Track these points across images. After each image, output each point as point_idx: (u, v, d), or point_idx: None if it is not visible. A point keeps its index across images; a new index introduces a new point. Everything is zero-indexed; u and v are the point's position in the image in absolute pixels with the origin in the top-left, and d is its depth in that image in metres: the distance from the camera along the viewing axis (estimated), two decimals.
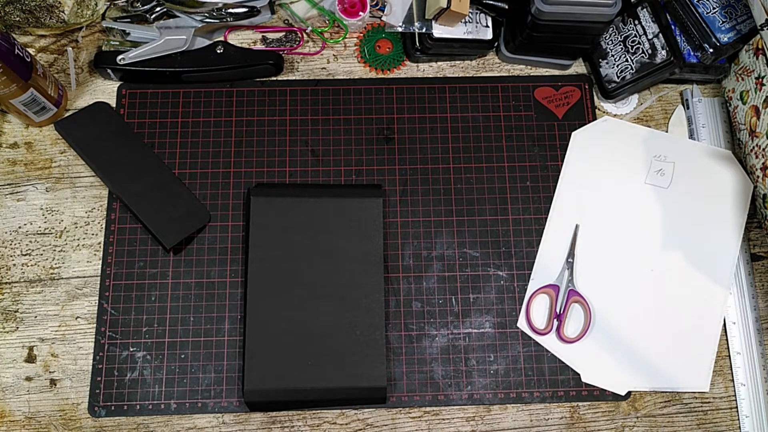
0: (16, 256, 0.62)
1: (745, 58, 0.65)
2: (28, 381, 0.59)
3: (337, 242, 0.61)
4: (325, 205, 0.61)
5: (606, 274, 0.64)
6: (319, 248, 0.60)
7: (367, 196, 0.62)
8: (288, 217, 0.60)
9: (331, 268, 0.60)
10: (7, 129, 0.66)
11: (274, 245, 0.60)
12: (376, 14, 0.71)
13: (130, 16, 0.68)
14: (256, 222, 0.60)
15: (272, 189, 0.62)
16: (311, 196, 0.61)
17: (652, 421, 0.61)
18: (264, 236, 0.60)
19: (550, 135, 0.68)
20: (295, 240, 0.60)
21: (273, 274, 0.60)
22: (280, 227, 0.60)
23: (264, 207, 0.61)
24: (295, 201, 0.61)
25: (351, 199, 0.62)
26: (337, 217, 0.61)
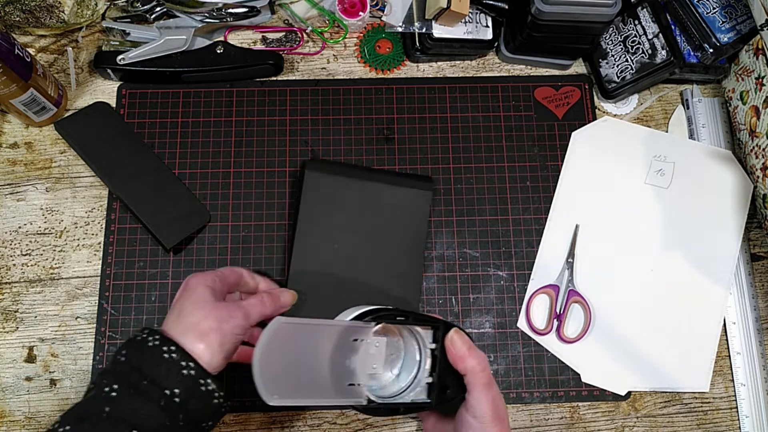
0: (16, 256, 0.62)
1: (745, 58, 0.65)
2: (28, 381, 0.59)
3: (382, 228, 0.61)
4: (375, 189, 0.61)
5: (606, 274, 0.64)
6: (363, 231, 0.60)
7: (418, 188, 0.62)
8: (338, 195, 0.61)
9: (372, 253, 0.60)
10: (7, 129, 0.66)
11: (321, 221, 0.60)
12: (376, 14, 0.71)
13: (130, 16, 0.68)
14: (308, 196, 0.60)
15: (326, 165, 0.62)
16: (363, 178, 0.61)
17: (652, 421, 0.61)
18: (313, 211, 0.60)
19: (550, 135, 0.68)
20: (342, 219, 0.60)
21: (316, 249, 0.60)
22: (329, 204, 0.60)
23: (316, 182, 0.61)
24: (347, 180, 0.61)
25: (401, 187, 0.61)
26: (386, 203, 0.61)
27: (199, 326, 0.44)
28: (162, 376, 0.41)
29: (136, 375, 0.41)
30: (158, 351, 0.42)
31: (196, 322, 0.44)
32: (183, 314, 0.45)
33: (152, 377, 0.41)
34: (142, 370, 0.41)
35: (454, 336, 0.46)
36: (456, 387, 0.46)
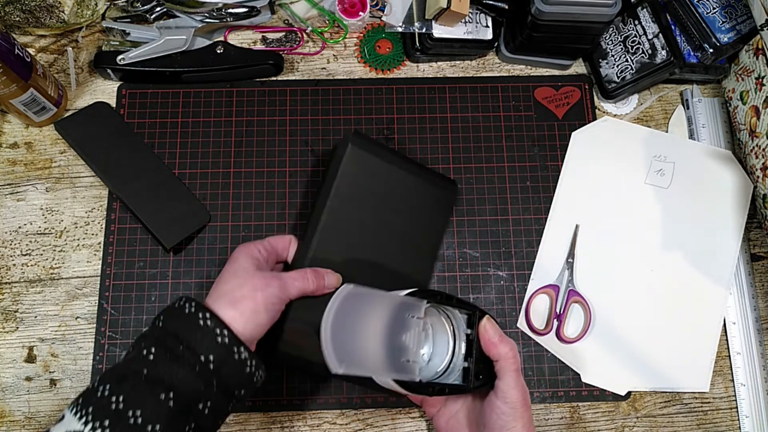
0: (16, 256, 0.62)
1: (745, 58, 0.65)
2: (28, 381, 0.59)
3: (406, 220, 0.59)
4: (409, 180, 0.59)
5: (606, 274, 0.64)
6: (388, 218, 0.58)
7: (447, 189, 0.62)
8: (374, 177, 0.58)
9: (391, 242, 0.59)
10: (7, 129, 0.66)
11: (351, 200, 0.57)
12: (376, 14, 0.71)
13: (130, 16, 0.68)
14: (346, 170, 0.57)
15: (369, 143, 0.59)
16: (401, 167, 0.59)
17: (652, 421, 0.61)
18: (346, 187, 0.57)
19: (550, 135, 0.68)
20: (371, 203, 0.58)
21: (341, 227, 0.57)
22: (363, 184, 0.58)
23: (357, 158, 0.58)
24: (386, 165, 0.58)
25: (432, 185, 0.61)
26: (416, 196, 0.60)
27: (234, 293, 0.45)
28: (197, 342, 0.42)
29: (173, 340, 0.42)
30: (194, 318, 0.43)
31: (231, 289, 0.45)
32: (221, 282, 0.47)
33: (188, 343, 0.42)
34: (178, 335, 0.43)
35: (486, 323, 0.48)
36: (487, 373, 0.49)
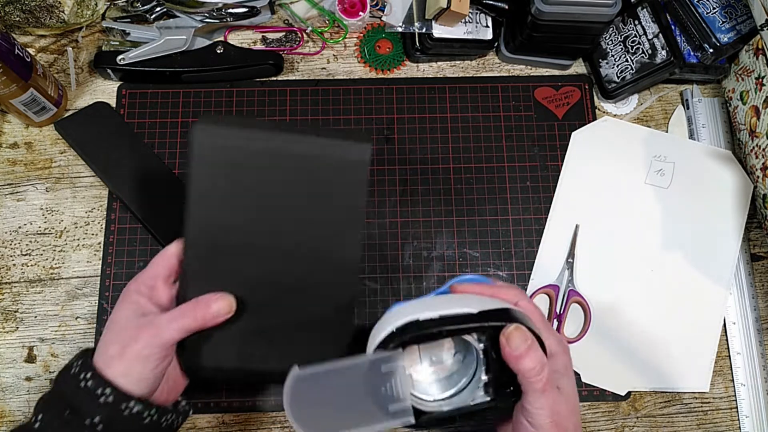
0: (16, 256, 0.62)
1: (745, 58, 0.65)
2: (28, 381, 0.59)
3: (304, 203, 0.44)
4: (294, 148, 0.43)
5: (606, 274, 0.64)
6: (281, 206, 0.44)
7: (351, 149, 0.44)
8: (244, 162, 0.43)
9: (292, 233, 0.45)
10: (7, 129, 0.66)
11: (222, 201, 0.43)
12: (376, 14, 0.71)
13: (130, 16, 0.68)
14: (199, 162, 0.42)
15: (226, 124, 0.43)
16: (279, 140, 0.43)
17: (652, 421, 0.61)
18: (209, 182, 0.43)
19: (550, 135, 0.68)
20: (250, 195, 0.44)
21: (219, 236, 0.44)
22: (231, 175, 0.43)
23: (211, 141, 0.42)
24: (256, 142, 0.42)
25: (329, 151, 0.43)
26: (309, 169, 0.43)
27: (108, 351, 0.42)
28: (82, 404, 0.40)
29: (60, 403, 0.40)
30: (77, 379, 0.40)
31: (106, 346, 0.42)
32: (104, 333, 0.43)
33: (73, 406, 0.40)
34: (65, 398, 0.40)
35: (513, 333, 0.39)
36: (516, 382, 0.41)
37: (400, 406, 0.40)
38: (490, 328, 0.40)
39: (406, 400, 0.40)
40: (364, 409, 0.40)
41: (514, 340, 0.39)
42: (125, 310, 0.43)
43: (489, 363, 0.41)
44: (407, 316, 0.40)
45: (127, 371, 0.40)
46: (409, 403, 0.40)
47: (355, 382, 0.40)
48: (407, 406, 0.40)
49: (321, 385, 0.40)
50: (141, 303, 0.43)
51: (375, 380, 0.40)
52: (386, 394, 0.40)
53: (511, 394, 0.41)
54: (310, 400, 0.39)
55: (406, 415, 0.40)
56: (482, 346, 0.41)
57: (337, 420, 0.40)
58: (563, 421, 0.39)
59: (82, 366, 0.41)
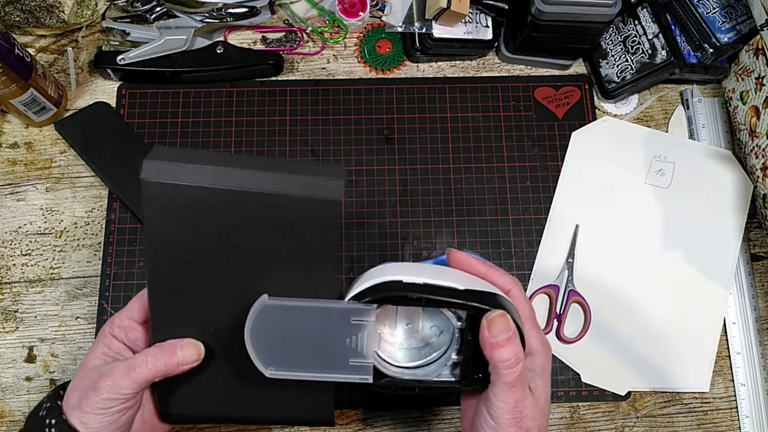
0: (16, 256, 0.62)
1: (745, 58, 0.65)
2: (28, 381, 0.59)
3: (271, 240, 0.39)
4: (257, 186, 0.38)
5: (606, 274, 0.64)
6: (247, 244, 0.40)
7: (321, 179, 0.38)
8: (202, 201, 0.38)
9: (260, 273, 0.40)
10: (7, 129, 0.66)
11: (180, 243, 0.39)
12: (376, 14, 0.71)
13: (130, 16, 0.68)
14: (153, 210, 0.38)
15: (178, 159, 0.38)
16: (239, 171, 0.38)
17: (652, 421, 0.61)
18: (165, 228, 0.39)
19: (550, 135, 0.68)
20: (212, 236, 0.39)
21: (181, 280, 0.40)
22: (189, 215, 0.38)
23: (162, 185, 0.38)
24: (213, 179, 0.38)
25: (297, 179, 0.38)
26: (274, 207, 0.39)
27: (71, 399, 0.39)
28: None
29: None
30: (43, 423, 0.38)
31: (71, 391, 0.40)
32: (74, 374, 0.41)
33: None
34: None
35: (496, 319, 0.37)
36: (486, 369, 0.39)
37: (362, 361, 0.39)
38: (471, 308, 0.38)
39: (369, 357, 0.39)
40: (325, 356, 0.39)
41: (495, 327, 0.37)
42: (95, 352, 0.41)
43: (463, 344, 0.40)
44: (391, 275, 0.39)
45: (86, 422, 0.38)
46: (372, 361, 0.39)
47: (321, 326, 0.39)
48: (368, 363, 0.39)
49: (287, 321, 0.38)
50: (113, 346, 0.41)
51: (342, 330, 0.38)
52: (350, 347, 0.39)
53: (478, 381, 0.39)
54: (272, 334, 0.38)
55: (366, 372, 0.39)
56: (460, 325, 0.40)
57: (295, 361, 0.39)
58: (526, 421, 0.38)
59: (49, 410, 0.39)
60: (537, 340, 0.42)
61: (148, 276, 0.40)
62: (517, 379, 0.37)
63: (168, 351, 0.39)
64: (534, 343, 0.41)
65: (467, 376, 0.40)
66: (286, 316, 0.38)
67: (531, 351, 0.41)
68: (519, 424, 0.38)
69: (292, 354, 0.39)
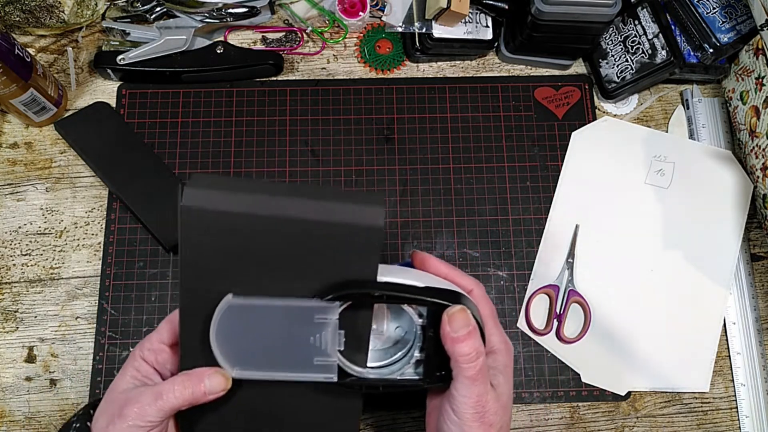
0: (16, 256, 0.62)
1: (745, 58, 0.65)
2: (28, 381, 0.59)
3: (304, 277, 0.39)
4: (297, 214, 0.37)
5: (606, 274, 0.64)
6: (283, 274, 0.39)
7: (362, 206, 0.37)
8: (238, 232, 0.37)
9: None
10: (7, 129, 0.66)
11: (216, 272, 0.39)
12: (376, 14, 0.71)
13: (130, 16, 0.68)
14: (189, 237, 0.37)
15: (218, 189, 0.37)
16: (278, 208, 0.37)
17: (652, 421, 0.61)
18: (201, 258, 0.38)
19: (550, 135, 0.68)
20: (249, 267, 0.38)
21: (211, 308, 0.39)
22: (226, 245, 0.38)
23: (202, 215, 0.37)
24: (252, 209, 0.37)
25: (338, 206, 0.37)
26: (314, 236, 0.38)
27: (98, 422, 0.39)
28: None
29: None
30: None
31: (99, 414, 0.40)
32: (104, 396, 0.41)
33: None
34: None
35: (456, 314, 0.38)
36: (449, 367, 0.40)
37: (326, 360, 0.39)
38: (432, 304, 0.39)
39: (333, 355, 0.39)
40: (290, 355, 0.39)
41: (456, 322, 0.38)
42: (125, 375, 0.41)
43: (425, 342, 0.40)
44: None
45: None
46: (335, 359, 0.39)
47: (286, 325, 0.38)
48: (332, 361, 0.39)
49: (253, 321, 0.38)
50: (142, 369, 0.41)
51: (306, 328, 0.38)
52: (314, 346, 0.38)
53: (441, 378, 0.40)
54: (239, 333, 0.38)
55: (330, 371, 0.39)
56: (422, 322, 0.40)
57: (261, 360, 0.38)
58: (489, 416, 0.38)
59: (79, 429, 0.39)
60: (499, 338, 0.43)
61: (180, 301, 0.39)
62: (478, 373, 0.38)
63: (196, 380, 0.38)
64: (496, 342, 0.42)
65: (430, 373, 0.40)
66: (251, 315, 0.38)
67: (493, 349, 0.42)
68: (482, 419, 0.38)
69: (258, 354, 0.39)
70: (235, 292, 0.39)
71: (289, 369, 0.39)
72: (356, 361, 0.41)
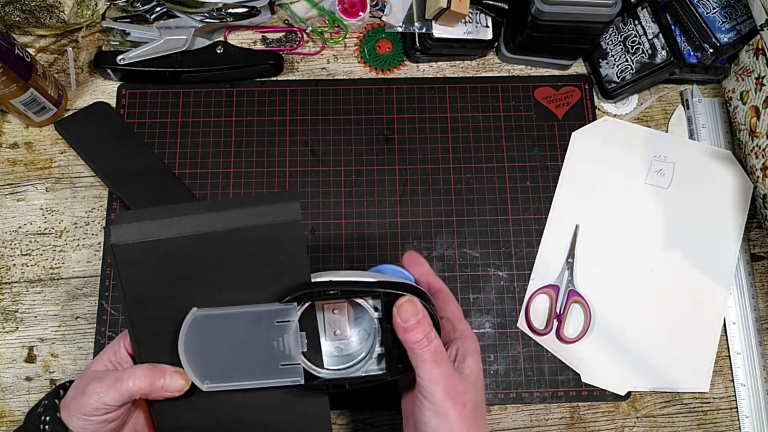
0: (16, 256, 0.62)
1: (745, 58, 0.65)
2: (28, 381, 0.59)
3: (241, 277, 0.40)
4: (220, 226, 0.39)
5: (606, 274, 0.64)
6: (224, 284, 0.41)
7: (277, 206, 0.40)
8: (171, 257, 0.39)
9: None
10: (7, 129, 0.66)
11: (157, 295, 0.40)
12: (376, 14, 0.71)
13: (130, 16, 0.68)
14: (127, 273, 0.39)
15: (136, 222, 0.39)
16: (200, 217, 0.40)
17: (652, 421, 0.61)
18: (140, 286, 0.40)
19: (550, 135, 0.68)
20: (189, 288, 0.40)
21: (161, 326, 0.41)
22: (160, 270, 0.40)
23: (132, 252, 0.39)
24: (176, 233, 0.39)
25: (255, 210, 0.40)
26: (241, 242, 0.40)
27: (67, 397, 0.40)
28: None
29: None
30: (38, 420, 0.39)
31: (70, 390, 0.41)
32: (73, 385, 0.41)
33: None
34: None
35: (404, 305, 0.40)
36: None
37: (290, 363, 0.40)
38: (385, 295, 0.40)
39: (297, 358, 0.40)
40: (256, 363, 0.40)
41: (404, 312, 0.40)
42: (102, 357, 0.42)
43: (384, 335, 0.41)
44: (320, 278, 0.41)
45: (71, 423, 0.39)
46: (300, 361, 0.40)
47: (249, 332, 0.40)
48: (297, 364, 0.40)
49: (217, 331, 0.39)
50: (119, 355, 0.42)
51: (268, 333, 0.40)
52: (278, 350, 0.40)
53: (402, 369, 0.41)
54: (206, 346, 0.39)
55: (296, 374, 0.40)
56: (378, 315, 0.41)
57: (230, 371, 0.40)
58: (459, 396, 0.39)
59: (46, 408, 0.40)
60: (467, 326, 0.45)
61: (132, 336, 0.41)
62: (434, 355, 0.39)
63: (157, 373, 0.40)
64: (464, 329, 0.45)
65: (392, 366, 0.41)
66: (216, 326, 0.39)
67: (464, 335, 0.44)
68: (454, 399, 0.39)
69: (226, 364, 0.40)
70: (183, 310, 0.40)
71: (256, 377, 0.40)
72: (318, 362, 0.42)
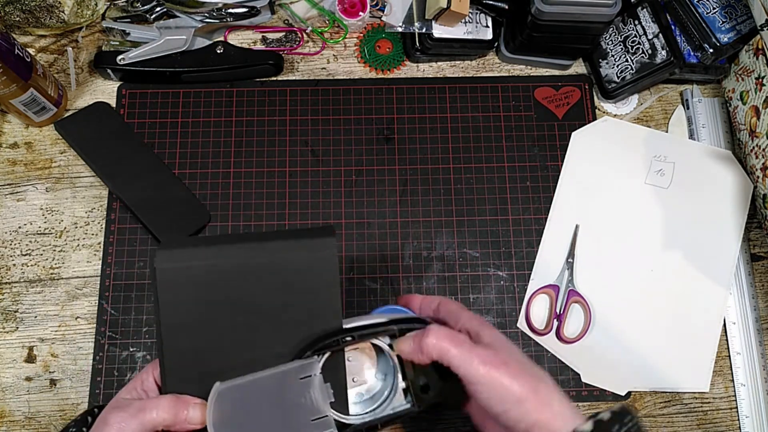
0: (16, 256, 0.62)
1: (745, 58, 0.65)
2: (28, 381, 0.59)
3: (276, 308, 0.42)
4: (257, 265, 0.42)
5: (606, 274, 0.64)
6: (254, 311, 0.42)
7: (314, 240, 0.42)
8: (210, 284, 0.41)
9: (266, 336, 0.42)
10: (7, 129, 0.66)
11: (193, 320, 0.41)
12: (376, 14, 0.71)
13: (130, 16, 0.68)
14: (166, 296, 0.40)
15: (184, 250, 0.41)
16: (240, 247, 0.42)
17: (652, 421, 0.61)
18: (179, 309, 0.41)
19: (550, 135, 0.68)
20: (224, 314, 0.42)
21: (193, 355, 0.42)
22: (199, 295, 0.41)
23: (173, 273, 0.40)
24: (217, 263, 0.41)
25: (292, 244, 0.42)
26: (276, 277, 0.42)
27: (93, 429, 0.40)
28: None
29: None
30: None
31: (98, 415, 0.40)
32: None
33: None
34: None
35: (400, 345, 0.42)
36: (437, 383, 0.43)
37: (321, 417, 0.40)
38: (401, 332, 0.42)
39: (326, 410, 0.41)
40: (288, 422, 0.40)
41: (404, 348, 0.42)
42: (129, 385, 0.42)
43: (404, 370, 0.43)
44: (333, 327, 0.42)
45: None
46: (329, 412, 0.41)
47: (276, 393, 0.40)
48: (328, 416, 0.41)
49: (244, 399, 0.40)
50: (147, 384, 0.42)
51: (295, 391, 0.40)
52: (307, 405, 0.40)
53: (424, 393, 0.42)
54: (234, 416, 0.39)
55: (328, 426, 0.41)
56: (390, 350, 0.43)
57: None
58: (494, 360, 0.39)
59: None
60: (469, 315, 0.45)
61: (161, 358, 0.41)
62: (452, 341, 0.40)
63: (181, 404, 0.39)
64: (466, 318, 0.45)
65: (418, 397, 0.43)
66: (242, 394, 0.40)
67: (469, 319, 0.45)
68: (492, 364, 0.39)
69: (258, 428, 0.40)
70: (215, 343, 0.41)
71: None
72: (345, 409, 0.42)
